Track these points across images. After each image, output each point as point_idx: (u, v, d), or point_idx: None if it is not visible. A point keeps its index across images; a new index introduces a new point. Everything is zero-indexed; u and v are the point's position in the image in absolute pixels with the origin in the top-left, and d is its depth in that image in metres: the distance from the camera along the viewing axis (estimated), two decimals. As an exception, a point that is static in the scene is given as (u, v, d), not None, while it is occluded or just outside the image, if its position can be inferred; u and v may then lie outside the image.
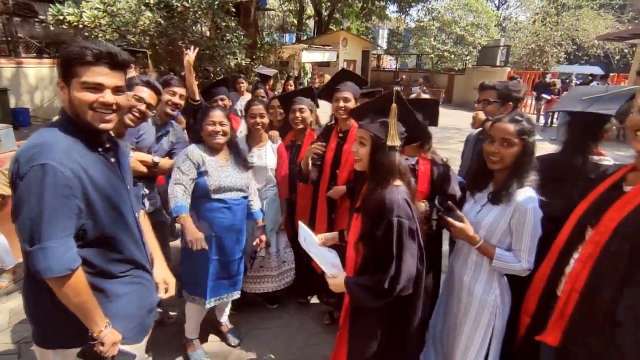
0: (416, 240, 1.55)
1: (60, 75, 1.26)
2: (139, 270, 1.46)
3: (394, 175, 1.57)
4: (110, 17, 5.21)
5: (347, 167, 2.48)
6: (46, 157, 1.15)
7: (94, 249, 1.30)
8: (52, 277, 1.16)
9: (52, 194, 1.14)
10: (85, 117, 1.25)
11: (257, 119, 2.70)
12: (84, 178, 1.21)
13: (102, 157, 1.34)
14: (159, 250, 1.70)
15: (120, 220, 1.35)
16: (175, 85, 2.58)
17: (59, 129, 1.26)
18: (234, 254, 2.40)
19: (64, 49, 1.24)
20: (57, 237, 1.15)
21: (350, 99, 2.50)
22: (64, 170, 1.16)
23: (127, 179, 1.45)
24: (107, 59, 1.23)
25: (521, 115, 1.69)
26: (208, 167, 2.26)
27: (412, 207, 1.55)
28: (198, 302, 2.39)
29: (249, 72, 7.09)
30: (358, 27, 24.80)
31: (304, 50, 14.68)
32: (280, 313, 3.06)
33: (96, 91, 1.24)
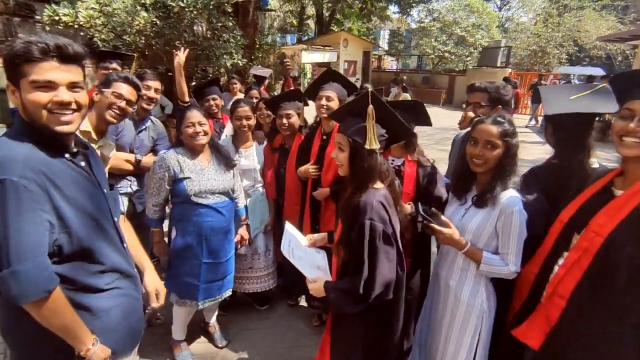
0: (393, 244, 1.50)
1: (7, 77, 1.12)
2: (125, 280, 1.35)
3: (374, 179, 1.54)
4: (106, 17, 5.21)
5: (332, 169, 2.46)
6: (4, 172, 1.03)
7: (73, 263, 1.18)
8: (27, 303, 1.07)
9: (16, 212, 1.03)
10: (41, 121, 1.12)
11: (242, 121, 2.68)
12: (52, 190, 1.10)
13: (71, 163, 1.22)
14: (147, 256, 1.62)
15: (98, 229, 1.25)
16: (149, 80, 2.61)
17: (15, 137, 1.13)
18: (224, 255, 2.39)
19: (7, 46, 1.10)
20: (27, 259, 1.05)
21: (333, 99, 2.47)
22: (27, 185, 1.04)
23: (102, 183, 1.35)
24: (55, 52, 1.10)
25: (503, 116, 1.68)
26: (188, 172, 2.22)
27: (389, 210, 1.51)
28: (189, 304, 2.37)
29: (246, 73, 7.07)
30: (359, 28, 24.78)
31: (303, 50, 14.65)
32: (269, 314, 3.05)
33: (49, 90, 1.11)
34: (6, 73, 1.12)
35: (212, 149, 2.37)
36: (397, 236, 1.54)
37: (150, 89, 2.58)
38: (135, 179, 2.54)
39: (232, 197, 2.43)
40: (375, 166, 1.52)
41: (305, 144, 2.66)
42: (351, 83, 2.66)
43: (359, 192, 1.52)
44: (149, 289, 1.53)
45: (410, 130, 1.58)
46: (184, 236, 2.28)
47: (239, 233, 2.54)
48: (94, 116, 2.07)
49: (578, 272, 1.38)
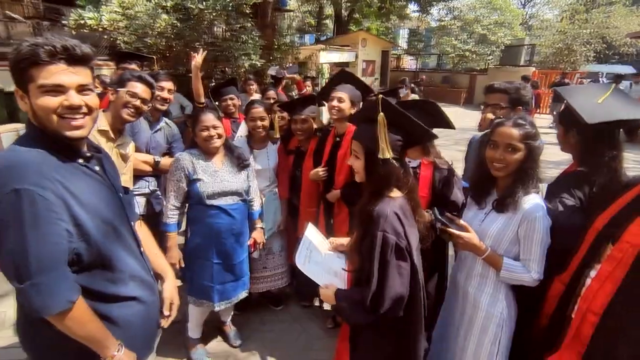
0: (407, 259, 1.41)
1: (15, 82, 1.08)
2: (142, 286, 1.31)
3: (389, 187, 1.46)
4: (128, 20, 5.35)
5: (343, 171, 2.44)
6: (19, 181, 0.99)
7: (92, 272, 1.15)
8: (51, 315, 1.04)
9: (33, 222, 0.99)
10: (51, 126, 1.08)
11: (257, 122, 2.68)
12: (68, 197, 1.06)
13: (85, 168, 1.18)
14: (167, 262, 1.59)
15: (115, 235, 1.21)
16: (162, 80, 2.62)
17: (27, 144, 1.09)
18: (236, 257, 2.39)
19: (13, 50, 1.05)
20: (48, 270, 1.02)
21: (345, 100, 2.43)
22: (42, 193, 1.01)
23: (117, 186, 1.31)
24: (63, 54, 1.06)
25: (524, 118, 1.61)
26: (201, 173, 2.23)
27: (404, 221, 1.42)
28: (206, 305, 2.39)
29: (264, 73, 7.13)
30: (378, 27, 24.60)
31: (321, 50, 14.64)
32: (283, 315, 3.05)
33: (58, 94, 1.07)
34: (13, 78, 1.07)
35: (226, 150, 2.38)
36: (413, 250, 1.44)
37: (163, 90, 2.61)
38: (153, 180, 2.58)
39: (245, 200, 2.42)
40: (391, 174, 1.44)
41: (319, 146, 2.64)
42: (365, 85, 2.61)
43: (374, 200, 1.45)
44: (165, 295, 1.50)
45: (429, 131, 1.48)
46: (197, 237, 2.31)
47: (253, 237, 2.52)
48: (110, 115, 2.10)
49: (612, 285, 1.28)
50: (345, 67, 17.87)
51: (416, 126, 1.45)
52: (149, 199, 2.56)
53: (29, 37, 1.07)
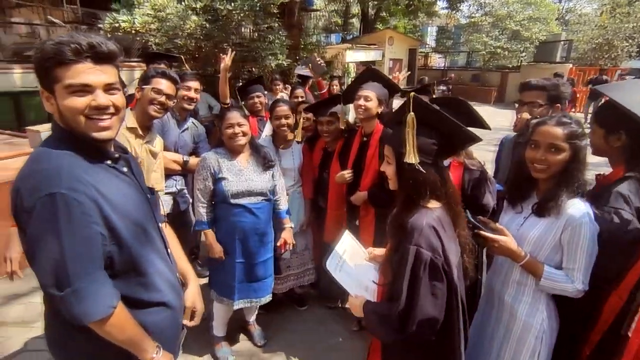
0: (443, 278, 1.26)
1: (40, 83, 1.03)
2: (171, 290, 1.28)
3: (423, 196, 1.31)
4: (160, 22, 5.49)
5: (370, 172, 2.38)
6: (52, 185, 0.96)
7: (123, 277, 1.12)
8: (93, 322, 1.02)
9: (70, 228, 0.97)
10: (79, 127, 1.04)
11: (281, 120, 2.66)
12: (100, 200, 1.03)
13: (113, 170, 1.15)
14: (190, 266, 1.54)
15: (145, 237, 1.18)
16: (189, 80, 2.64)
17: (56, 146, 1.05)
18: (259, 257, 2.38)
19: (37, 50, 1.01)
20: (87, 275, 1.00)
21: (372, 99, 2.36)
22: (77, 197, 0.98)
23: (144, 187, 1.28)
24: (89, 52, 1.01)
25: (568, 116, 1.50)
26: (226, 172, 2.24)
27: (442, 235, 1.27)
28: (226, 302, 2.40)
29: (290, 73, 7.14)
30: (405, 25, 24.25)
31: (348, 49, 14.56)
32: (308, 316, 3.02)
33: (85, 94, 1.02)
34: (38, 78, 1.03)
35: (252, 149, 2.37)
36: (453, 267, 1.28)
37: (190, 90, 2.63)
38: (180, 179, 2.62)
39: (270, 199, 2.41)
40: (423, 181, 1.29)
41: (345, 148, 2.59)
42: (393, 83, 2.54)
43: (408, 210, 1.32)
44: (187, 303, 1.44)
45: (470, 134, 1.31)
46: (221, 235, 2.32)
47: (282, 237, 2.50)
48: (137, 112, 2.14)
49: None
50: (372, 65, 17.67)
51: (454, 127, 1.29)
52: (175, 198, 2.60)
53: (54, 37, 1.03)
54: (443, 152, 1.35)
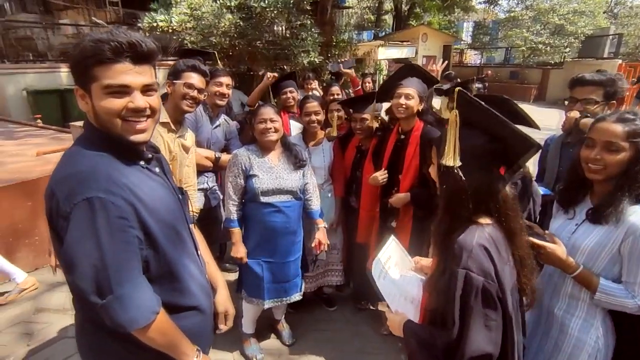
0: (497, 306, 1.07)
1: (76, 81, 1.00)
2: (202, 293, 1.25)
3: (466, 208, 1.11)
4: (196, 20, 5.60)
5: (411, 172, 2.28)
6: (89, 189, 0.93)
7: (158, 282, 1.09)
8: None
9: (109, 233, 0.94)
10: (114, 130, 1.01)
11: (312, 117, 2.62)
12: (136, 203, 1.00)
13: (147, 171, 1.12)
14: (219, 270, 1.50)
15: (178, 240, 1.16)
16: (220, 76, 2.61)
17: (90, 147, 1.02)
18: (289, 256, 2.35)
19: (75, 47, 0.97)
20: (129, 281, 0.97)
21: (414, 96, 2.26)
22: (114, 200, 0.95)
23: (175, 188, 1.24)
24: (129, 51, 0.97)
25: (632, 112, 1.35)
26: (256, 169, 2.22)
27: (496, 257, 1.08)
28: (256, 302, 2.39)
29: (322, 71, 7.10)
30: (440, 21, 23.59)
31: (380, 47, 14.34)
32: (337, 316, 2.97)
33: (122, 95, 0.99)
34: (74, 76, 1.00)
35: (283, 147, 2.34)
36: (507, 293, 1.09)
37: (221, 85, 2.61)
38: (212, 175, 2.63)
39: (300, 198, 2.37)
40: (463, 190, 1.10)
41: (378, 147, 2.51)
42: (432, 76, 2.43)
43: (454, 225, 1.13)
44: (219, 309, 1.42)
45: (531, 140, 1.06)
46: (250, 234, 2.31)
47: (317, 237, 2.44)
48: (170, 107, 2.14)
49: None
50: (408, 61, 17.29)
51: (508, 131, 1.07)
52: (206, 194, 2.61)
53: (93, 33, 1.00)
54: (495, 159, 1.12)
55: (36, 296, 3.11)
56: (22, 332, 2.72)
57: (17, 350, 2.54)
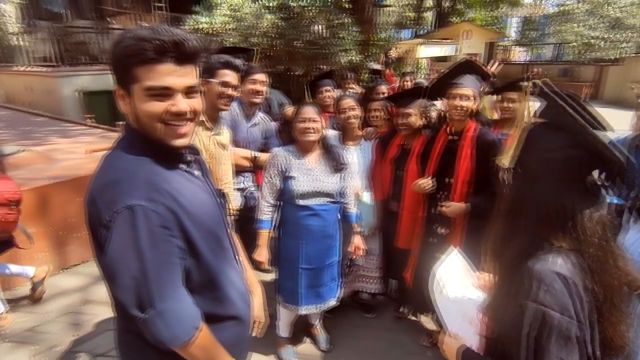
0: (575, 350, 0.87)
1: (116, 80, 0.95)
2: (242, 301, 1.19)
3: (550, 230, 0.92)
4: (237, 22, 5.69)
5: (464, 176, 2.13)
6: (130, 196, 0.88)
7: (199, 291, 1.04)
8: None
9: (151, 243, 0.89)
10: (155, 133, 0.96)
11: (347, 112, 2.53)
12: (178, 210, 0.95)
13: (187, 175, 1.06)
14: (255, 277, 1.45)
15: (219, 247, 1.11)
16: (255, 73, 2.55)
17: (130, 151, 0.97)
18: (325, 261, 2.28)
19: (116, 45, 0.91)
20: (170, 295, 0.92)
21: (471, 97, 2.11)
22: (156, 208, 0.90)
23: (216, 191, 1.18)
24: (174, 51, 0.90)
25: None
26: (294, 171, 2.16)
27: (576, 293, 0.88)
28: (291, 309, 2.34)
29: (360, 70, 7.00)
30: (484, 17, 22.65)
31: (420, 45, 13.97)
32: (375, 323, 2.87)
33: (165, 98, 0.93)
34: (115, 75, 0.95)
35: (323, 149, 2.27)
36: (589, 336, 0.89)
37: (256, 83, 2.55)
38: (250, 175, 2.61)
39: (338, 201, 2.29)
40: (552, 208, 0.91)
41: (428, 147, 2.37)
42: (488, 73, 2.26)
43: (526, 247, 0.93)
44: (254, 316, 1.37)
45: (615, 156, 0.86)
46: (287, 237, 2.26)
47: (353, 243, 2.37)
48: (205, 105, 2.11)
49: None
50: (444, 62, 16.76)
51: (589, 139, 0.88)
52: (244, 194, 2.60)
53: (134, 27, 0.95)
54: (584, 171, 0.92)
55: (85, 288, 3.25)
56: (70, 322, 2.85)
57: (65, 340, 2.65)
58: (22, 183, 3.41)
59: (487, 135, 2.10)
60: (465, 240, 2.17)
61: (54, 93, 8.57)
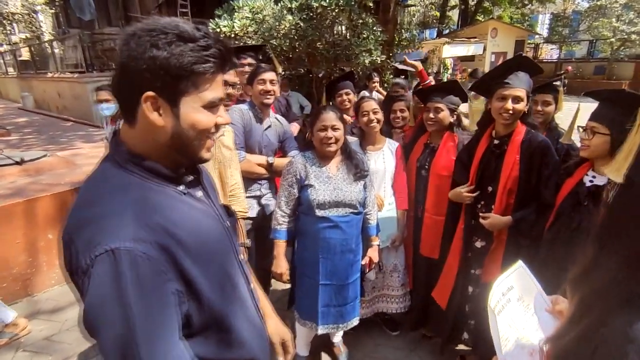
0: None
1: (154, 88, 0.77)
2: (257, 338, 1.04)
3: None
4: (257, 24, 5.60)
5: (509, 186, 1.91)
6: (113, 236, 0.72)
7: (203, 335, 0.89)
8: None
9: (139, 294, 0.72)
10: (191, 149, 0.84)
11: (370, 116, 2.35)
12: (174, 246, 0.78)
13: (189, 199, 0.89)
14: (265, 297, 1.30)
15: (229, 282, 0.95)
16: (263, 72, 2.36)
17: (117, 174, 0.81)
18: (347, 278, 2.10)
19: (160, 49, 0.75)
20: (164, 354, 0.76)
21: (523, 99, 1.87)
22: (145, 250, 0.73)
23: (222, 213, 1.00)
24: (229, 58, 0.82)
25: None
26: (313, 179, 2.00)
27: None
28: (310, 327, 2.18)
29: (384, 70, 6.78)
30: (512, 14, 21.91)
31: (445, 44, 13.59)
32: (400, 343, 2.66)
33: (215, 110, 0.84)
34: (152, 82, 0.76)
35: (344, 155, 2.10)
36: None
37: (265, 83, 2.34)
38: (265, 182, 2.47)
39: (360, 212, 2.11)
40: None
41: (467, 153, 2.15)
42: (540, 68, 2.02)
43: (614, 287, 0.68)
44: (273, 339, 1.24)
45: None
46: (305, 251, 2.10)
47: (368, 255, 2.20)
48: None
49: None
50: (470, 61, 16.24)
51: None
52: (260, 202, 2.46)
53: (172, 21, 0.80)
54: None
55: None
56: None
57: (80, 349, 2.60)
58: (43, 189, 3.43)
59: (537, 141, 1.87)
60: (504, 258, 1.95)
61: (82, 98, 8.80)
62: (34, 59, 14.35)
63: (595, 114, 1.64)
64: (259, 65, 2.46)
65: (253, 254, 2.38)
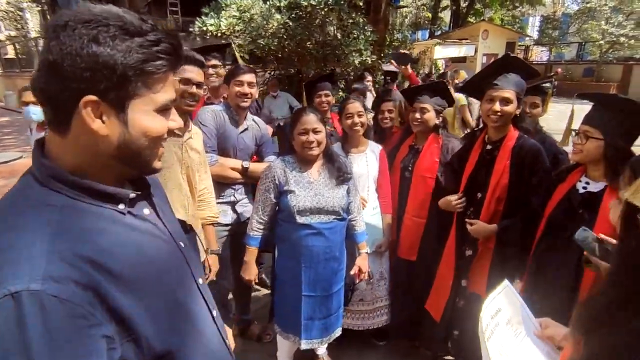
0: None
1: (96, 91, 0.64)
2: None
3: None
4: (244, 23, 5.50)
5: (497, 193, 1.83)
6: (16, 277, 0.57)
7: None
8: None
9: (50, 346, 0.57)
10: (140, 161, 0.74)
11: (354, 118, 2.26)
12: (105, 282, 0.64)
13: (130, 218, 0.74)
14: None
15: (178, 311, 0.80)
16: (242, 74, 2.23)
17: (36, 195, 0.66)
18: (331, 287, 2.00)
19: (99, 45, 0.63)
20: None
21: (512, 100, 1.80)
22: (60, 292, 0.58)
23: (175, 232, 0.86)
24: (182, 54, 0.75)
25: None
26: (293, 184, 1.89)
27: None
28: (292, 340, 2.07)
29: (375, 71, 6.71)
30: (503, 16, 22.05)
31: (436, 45, 13.59)
32: (387, 354, 2.56)
33: (167, 113, 0.74)
34: (93, 85, 0.64)
35: (325, 158, 2.00)
36: None
37: (242, 85, 2.20)
38: (240, 187, 2.35)
39: (344, 218, 2.02)
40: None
41: (458, 159, 2.07)
42: (534, 70, 1.95)
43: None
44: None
45: None
46: (285, 259, 2.00)
47: (357, 264, 2.10)
48: None
49: None
50: (462, 62, 16.27)
51: None
52: (234, 208, 2.33)
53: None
54: None
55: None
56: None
57: None
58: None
59: (528, 147, 1.79)
60: (490, 268, 1.86)
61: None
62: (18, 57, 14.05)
63: (589, 117, 1.56)
64: (237, 65, 2.33)
65: (228, 263, 2.28)
